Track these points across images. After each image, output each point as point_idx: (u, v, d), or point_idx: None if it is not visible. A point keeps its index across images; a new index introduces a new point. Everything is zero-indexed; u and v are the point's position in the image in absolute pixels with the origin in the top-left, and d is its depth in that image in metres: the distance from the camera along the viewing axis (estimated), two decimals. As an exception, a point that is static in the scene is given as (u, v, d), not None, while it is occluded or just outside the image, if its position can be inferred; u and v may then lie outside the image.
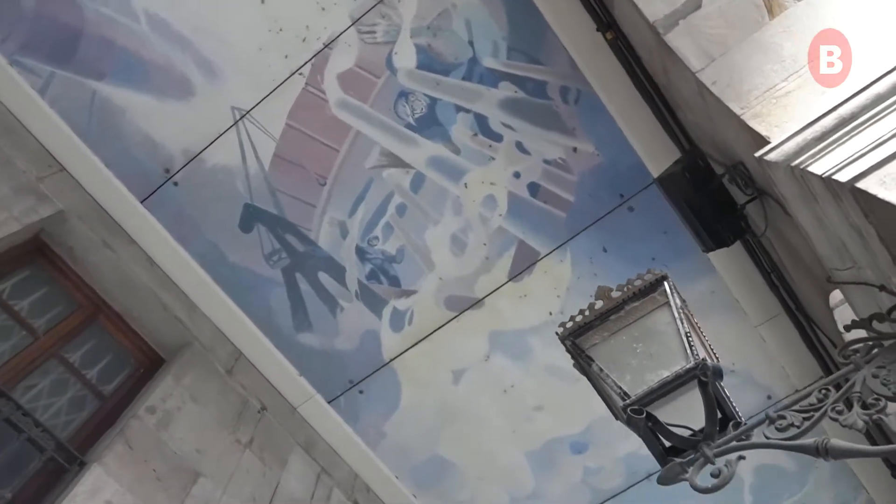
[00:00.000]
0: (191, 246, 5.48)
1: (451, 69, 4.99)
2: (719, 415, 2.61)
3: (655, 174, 4.52)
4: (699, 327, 2.97)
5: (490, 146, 5.15)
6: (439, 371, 5.80)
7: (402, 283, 5.55)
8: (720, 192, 3.64)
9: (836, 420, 2.31)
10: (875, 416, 2.24)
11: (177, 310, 5.40)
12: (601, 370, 2.79)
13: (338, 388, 5.87)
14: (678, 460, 2.51)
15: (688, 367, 2.57)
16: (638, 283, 2.88)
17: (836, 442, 2.26)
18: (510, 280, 5.50)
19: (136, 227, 5.39)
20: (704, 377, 2.51)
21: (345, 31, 4.93)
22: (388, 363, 5.79)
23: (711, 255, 4.88)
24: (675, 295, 2.81)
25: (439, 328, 5.67)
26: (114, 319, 5.25)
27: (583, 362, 2.87)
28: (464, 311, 5.61)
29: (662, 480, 2.55)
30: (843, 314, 4.13)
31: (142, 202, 5.38)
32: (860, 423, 2.26)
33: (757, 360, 5.71)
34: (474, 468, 6.12)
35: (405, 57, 4.98)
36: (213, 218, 5.43)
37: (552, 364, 5.74)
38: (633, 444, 5.91)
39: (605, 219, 5.31)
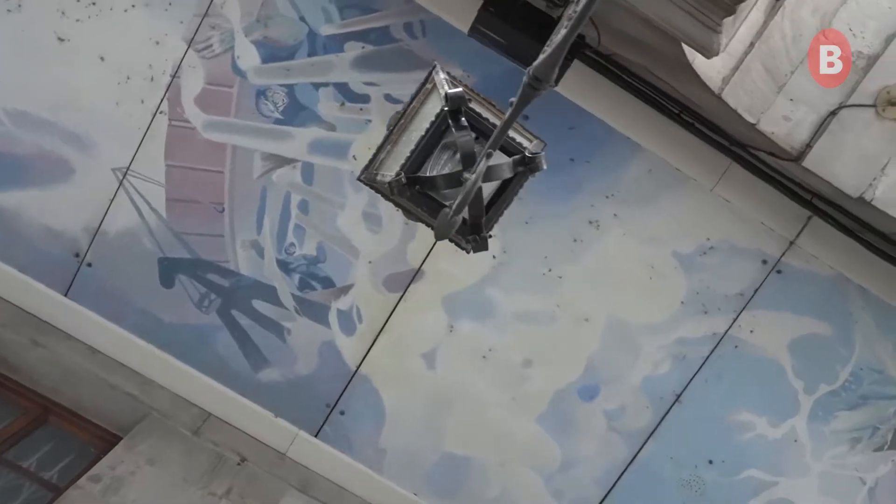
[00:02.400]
0: (124, 321, 5.42)
1: (294, 51, 4.97)
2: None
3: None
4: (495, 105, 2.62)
5: (361, 110, 5.03)
6: (410, 360, 5.42)
7: (336, 281, 5.31)
8: (531, 14, 3.36)
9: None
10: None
11: (127, 387, 5.29)
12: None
13: (318, 417, 5.52)
14: (448, 206, 2.12)
15: (436, 112, 2.23)
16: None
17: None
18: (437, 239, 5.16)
19: (67, 320, 5.38)
20: (452, 107, 2.16)
21: (184, 55, 5.00)
22: (356, 371, 5.43)
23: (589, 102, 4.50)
24: (446, 79, 2.49)
25: (391, 315, 5.34)
26: (65, 415, 5.14)
27: (381, 189, 2.54)
28: (408, 288, 5.27)
29: (439, 235, 2.17)
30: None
31: (65, 295, 5.37)
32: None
33: (731, 227, 5.14)
34: (491, 455, 5.57)
35: (248, 57, 5.00)
36: (135, 285, 5.38)
37: (520, 310, 5.33)
38: (644, 366, 5.39)
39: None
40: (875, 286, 5.17)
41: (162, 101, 5.09)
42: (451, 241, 2.38)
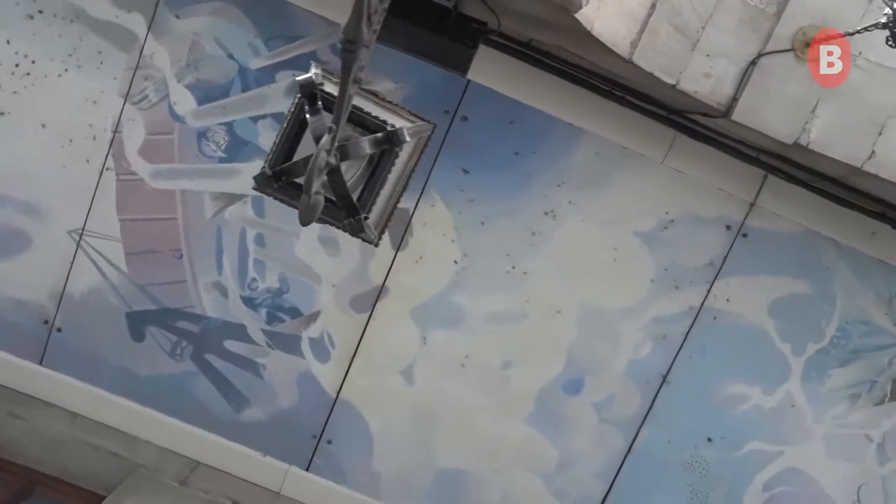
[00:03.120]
0: (101, 381, 5.43)
1: (228, 89, 5.04)
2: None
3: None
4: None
5: (301, 136, 5.02)
6: (388, 379, 5.36)
7: (302, 309, 5.29)
8: (429, 9, 3.36)
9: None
10: None
11: (111, 447, 5.27)
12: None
13: (306, 450, 5.45)
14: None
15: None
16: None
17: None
18: (398, 251, 5.15)
19: (45, 388, 5.40)
20: (304, 93, 2.14)
21: (122, 110, 5.07)
22: (336, 398, 5.37)
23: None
24: (316, 73, 2.48)
25: (362, 336, 5.28)
26: (51, 483, 5.14)
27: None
28: (375, 306, 5.23)
29: (302, 220, 2.13)
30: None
31: (40, 363, 5.38)
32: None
33: (688, 197, 5.07)
34: (486, 464, 5.46)
35: (184, 102, 5.07)
36: (107, 344, 5.40)
37: (490, 312, 5.27)
38: (625, 351, 5.30)
39: (446, 142, 5.03)
40: (844, 235, 5.06)
41: (107, 157, 5.16)
42: (337, 228, 2.33)
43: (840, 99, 3.79)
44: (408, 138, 2.32)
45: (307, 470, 5.50)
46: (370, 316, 5.30)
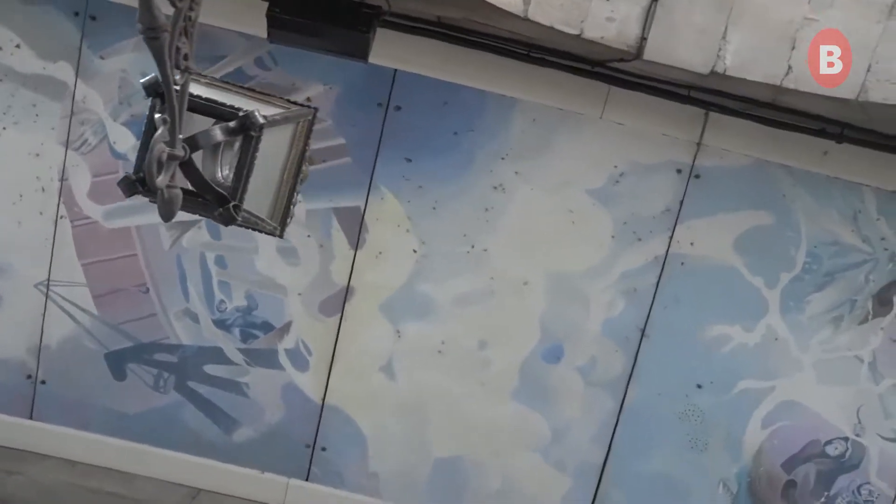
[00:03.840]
0: (92, 425, 5.52)
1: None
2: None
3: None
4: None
5: (242, 153, 5.05)
6: (370, 378, 5.38)
7: (274, 323, 5.33)
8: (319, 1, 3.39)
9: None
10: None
11: (110, 487, 5.33)
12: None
13: (303, 460, 5.48)
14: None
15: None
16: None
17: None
18: (356, 250, 5.17)
19: (38, 441, 5.46)
20: (149, 94, 2.16)
21: (65, 158, 5.14)
22: (323, 404, 5.39)
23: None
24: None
25: (337, 339, 5.30)
26: (56, 531, 5.14)
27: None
28: (343, 308, 5.24)
29: (162, 216, 2.13)
30: None
31: (30, 418, 5.45)
32: None
33: (634, 148, 5.05)
34: (481, 447, 5.46)
35: (123, 139, 5.14)
36: (91, 388, 5.49)
37: (458, 295, 5.29)
38: (598, 311, 5.30)
39: (384, 134, 5.05)
40: (795, 160, 5.01)
41: (58, 206, 5.24)
42: (212, 220, 2.34)
43: (748, 20, 3.75)
44: (261, 121, 2.31)
45: (307, 480, 5.53)
46: (341, 318, 5.32)
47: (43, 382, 5.48)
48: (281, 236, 2.72)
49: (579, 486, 5.51)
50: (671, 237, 5.18)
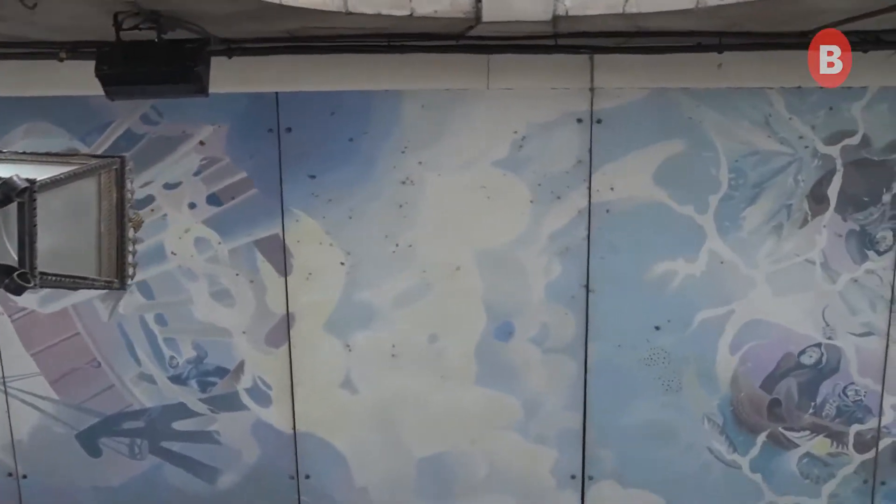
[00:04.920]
0: (83, 506, 5.54)
1: (69, 197, 5.11)
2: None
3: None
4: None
5: (152, 210, 5.13)
6: (332, 397, 5.42)
7: (227, 366, 5.37)
8: (143, 49, 3.41)
9: None
10: None
11: (110, 561, 5.34)
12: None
13: (291, 492, 5.54)
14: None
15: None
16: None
17: None
18: (286, 276, 5.18)
19: (34, 534, 5.53)
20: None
21: (-12, 256, 5.19)
22: (295, 433, 5.40)
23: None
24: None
25: (291, 367, 5.31)
26: None
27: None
28: (289, 335, 5.26)
29: None
30: None
31: (21, 514, 5.56)
32: None
33: (529, 109, 5.01)
34: (459, 439, 5.47)
35: (38, 225, 5.15)
36: (72, 471, 5.61)
37: (396, 296, 5.31)
38: (537, 278, 5.28)
39: (283, 158, 5.08)
40: (690, 80, 4.92)
41: (-5, 304, 5.33)
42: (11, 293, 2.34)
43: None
44: (21, 185, 2.28)
45: (299, 511, 5.56)
46: (289, 346, 5.34)
47: (24, 477, 5.59)
48: (123, 288, 2.73)
49: (565, 455, 5.46)
50: (589, 188, 5.10)
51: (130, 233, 2.88)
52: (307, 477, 5.53)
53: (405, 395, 5.39)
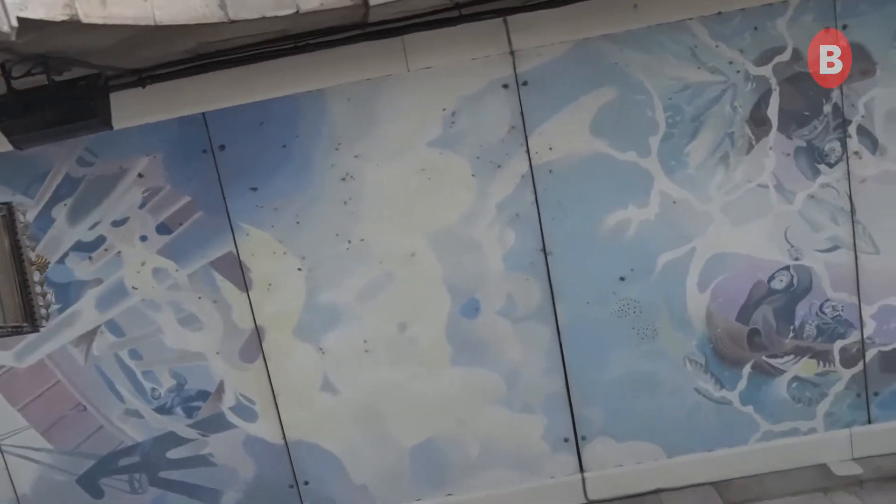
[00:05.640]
0: (96, 546, 5.65)
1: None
2: None
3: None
4: None
5: (106, 250, 5.21)
6: (315, 401, 5.47)
7: (207, 388, 5.45)
8: (39, 95, 3.44)
9: None
10: None
11: None
12: None
13: (294, 501, 5.57)
14: None
15: None
16: None
17: None
18: (248, 291, 5.23)
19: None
20: None
21: (-42, 321, 5.30)
22: (286, 442, 5.46)
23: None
24: None
25: (270, 379, 5.36)
26: None
27: None
28: (262, 348, 5.31)
29: None
30: None
31: (39, 564, 5.67)
32: None
33: (453, 84, 5.02)
34: (444, 422, 5.51)
35: None
36: (80, 514, 5.63)
37: (357, 292, 5.35)
38: (493, 250, 5.35)
39: (222, 175, 5.12)
40: (608, 26, 4.88)
41: (-26, 366, 5.43)
42: None
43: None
44: None
45: (305, 518, 5.63)
46: (264, 359, 5.38)
47: (35, 532, 5.71)
48: (36, 330, 2.78)
49: (554, 420, 5.46)
50: (528, 151, 5.07)
51: (36, 275, 2.94)
52: (306, 483, 5.59)
53: (385, 387, 5.42)
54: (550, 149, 5.08)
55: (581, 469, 5.53)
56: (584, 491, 5.55)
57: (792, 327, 5.30)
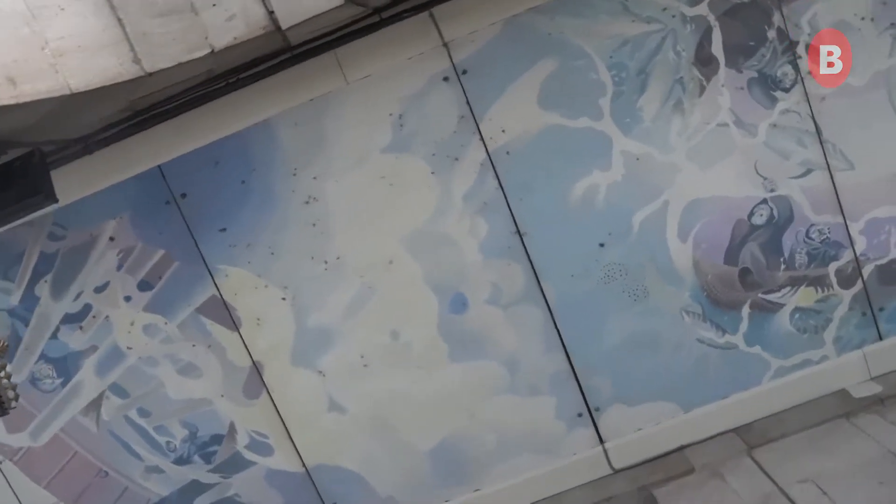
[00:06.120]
0: None
1: (14, 336, 5.31)
2: None
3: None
4: None
5: (94, 317, 5.31)
6: (325, 424, 5.52)
7: (220, 431, 5.52)
8: None
9: None
10: None
11: None
12: None
13: (328, 523, 5.61)
14: None
15: None
16: None
17: None
18: (238, 329, 5.28)
19: None
20: None
21: (-30, 413, 5.43)
22: (306, 469, 5.51)
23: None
24: None
25: (278, 411, 5.42)
26: None
27: None
28: (264, 383, 5.37)
29: None
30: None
31: None
32: None
33: (395, 87, 5.04)
34: (456, 420, 5.51)
35: (0, 369, 5.36)
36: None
37: (344, 309, 5.40)
38: (469, 244, 5.38)
39: (189, 223, 5.17)
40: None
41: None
42: None
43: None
44: None
45: (344, 536, 5.67)
46: (268, 392, 5.43)
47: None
48: (5, 413, 2.83)
49: (564, 397, 5.43)
50: (481, 138, 5.05)
51: (-4, 360, 3.00)
52: (334, 503, 5.66)
53: (390, 397, 5.44)
54: (503, 131, 5.06)
55: (601, 441, 5.50)
56: (609, 461, 5.52)
57: (782, 259, 5.22)
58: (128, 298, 5.30)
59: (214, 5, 3.67)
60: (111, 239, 5.21)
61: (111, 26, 3.48)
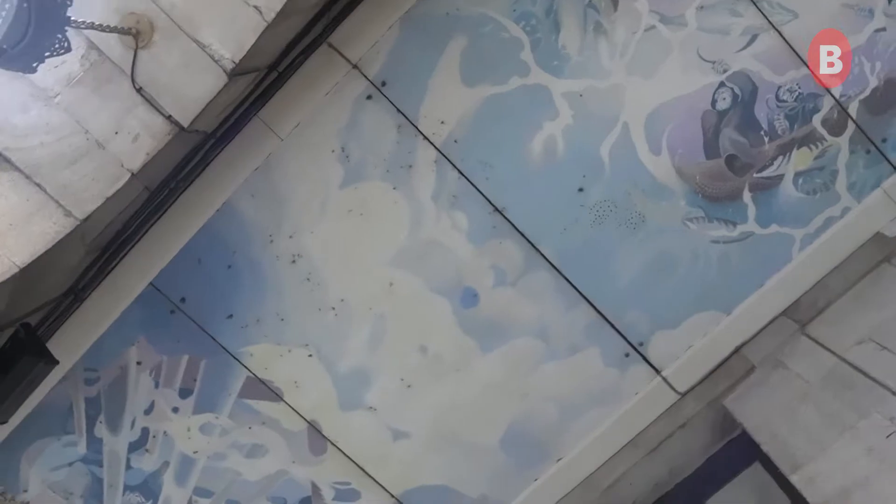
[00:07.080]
0: None
1: (101, 473, 5.64)
2: None
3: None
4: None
5: (154, 437, 5.56)
6: (396, 452, 5.66)
7: (305, 493, 5.69)
8: None
9: None
10: None
11: None
12: None
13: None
14: None
15: None
16: None
17: None
18: (282, 399, 5.49)
19: None
20: None
21: None
22: (398, 500, 5.67)
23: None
24: None
25: (350, 458, 5.59)
26: None
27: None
28: (324, 437, 5.55)
29: None
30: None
31: None
32: None
33: (332, 121, 5.12)
34: (512, 405, 5.58)
35: None
36: None
37: (367, 344, 5.50)
38: (453, 238, 5.48)
39: (200, 321, 5.36)
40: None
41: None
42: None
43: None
44: None
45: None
46: (333, 444, 5.60)
47: None
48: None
49: (605, 344, 5.41)
50: (425, 138, 5.05)
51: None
52: (397, 515, 5.81)
53: (443, 408, 5.52)
54: (442, 123, 5.04)
55: (657, 371, 5.45)
56: (672, 387, 5.47)
57: (763, 132, 5.02)
58: (175, 409, 5.57)
59: (117, 133, 3.79)
60: (138, 363, 5.48)
61: (32, 194, 3.66)
